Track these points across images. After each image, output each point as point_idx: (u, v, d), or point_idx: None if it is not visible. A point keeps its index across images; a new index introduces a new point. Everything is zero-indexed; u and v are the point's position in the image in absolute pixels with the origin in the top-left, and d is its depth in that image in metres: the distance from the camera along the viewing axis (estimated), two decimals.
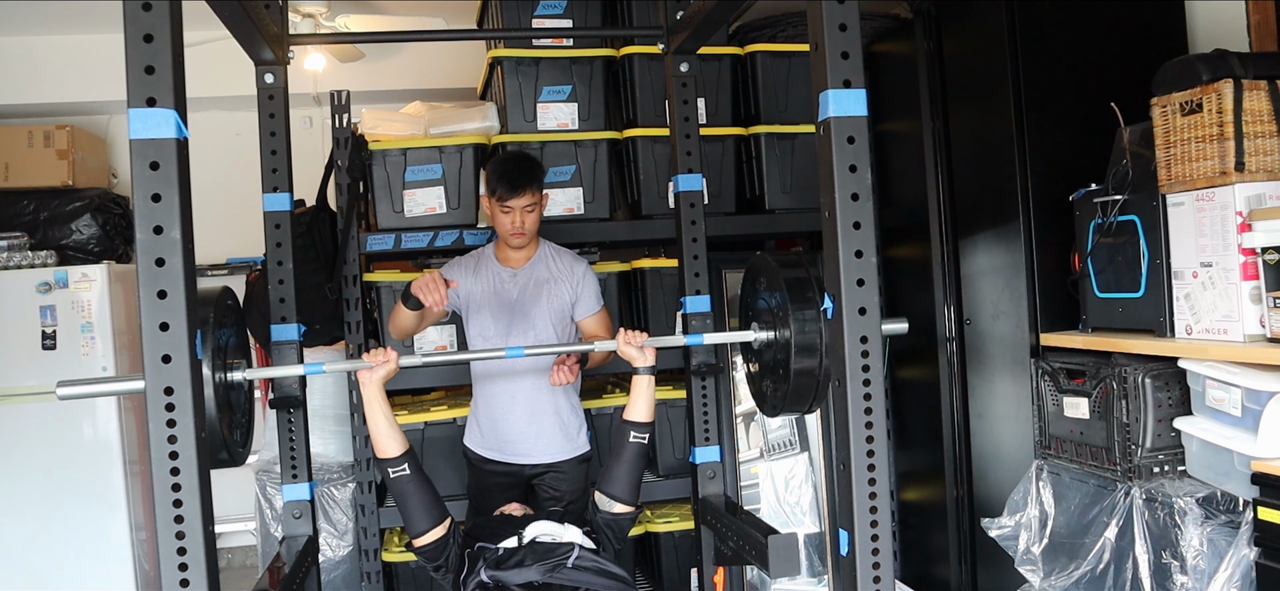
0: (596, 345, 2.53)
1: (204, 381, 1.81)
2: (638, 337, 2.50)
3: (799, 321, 2.10)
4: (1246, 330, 2.31)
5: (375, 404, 2.36)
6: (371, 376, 2.34)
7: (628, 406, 2.56)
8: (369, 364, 2.33)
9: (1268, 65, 2.39)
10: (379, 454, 2.39)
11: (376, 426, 2.37)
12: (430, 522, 2.39)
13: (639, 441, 2.53)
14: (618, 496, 2.52)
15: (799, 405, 2.21)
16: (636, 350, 2.50)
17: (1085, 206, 2.82)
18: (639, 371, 2.53)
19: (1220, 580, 2.24)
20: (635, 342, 2.50)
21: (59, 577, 3.98)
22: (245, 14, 2.16)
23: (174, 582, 1.47)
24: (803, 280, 2.14)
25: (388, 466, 2.38)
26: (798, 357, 2.10)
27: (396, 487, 2.39)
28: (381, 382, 2.36)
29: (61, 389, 1.78)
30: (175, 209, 1.46)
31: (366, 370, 2.34)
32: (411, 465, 2.38)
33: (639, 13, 3.47)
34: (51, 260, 4.06)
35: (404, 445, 2.39)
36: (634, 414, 2.54)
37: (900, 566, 3.78)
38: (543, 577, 2.30)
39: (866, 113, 1.68)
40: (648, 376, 2.53)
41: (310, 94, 4.91)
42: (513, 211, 2.81)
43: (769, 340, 2.29)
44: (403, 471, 2.37)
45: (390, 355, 2.33)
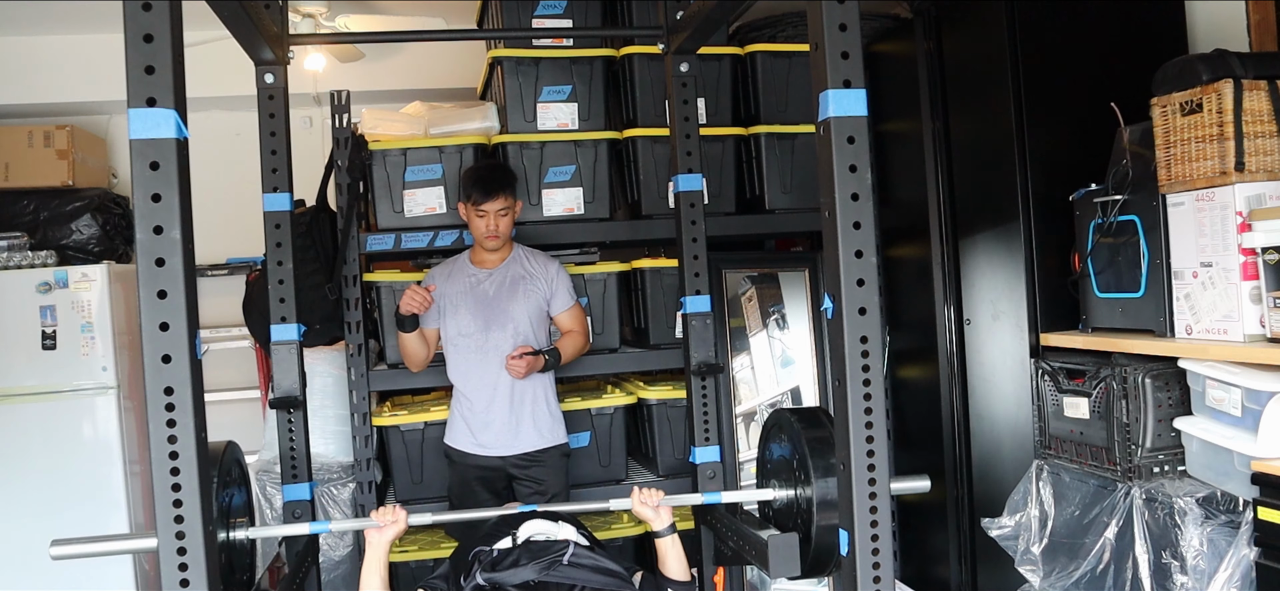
0: (612, 504, 2.42)
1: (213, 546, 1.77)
2: (653, 497, 2.42)
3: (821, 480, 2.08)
4: (1246, 330, 2.31)
5: (377, 566, 2.31)
6: (380, 536, 2.31)
7: (660, 563, 2.45)
8: (377, 523, 2.30)
9: (1268, 65, 2.39)
10: None
11: (369, 586, 2.30)
12: None
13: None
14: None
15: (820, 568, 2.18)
16: (652, 511, 2.42)
17: (1085, 206, 2.82)
18: (659, 534, 2.42)
19: (1220, 580, 2.23)
20: (650, 504, 2.42)
21: (59, 577, 3.96)
22: (245, 14, 2.16)
23: (174, 583, 1.47)
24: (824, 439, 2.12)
25: None
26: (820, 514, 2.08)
27: None
28: (390, 543, 2.32)
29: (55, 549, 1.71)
30: (175, 209, 1.46)
31: (375, 529, 2.31)
32: None
33: (639, 13, 3.47)
34: (51, 260, 4.06)
35: None
36: (670, 572, 2.43)
37: (900, 566, 3.78)
38: (539, 576, 2.29)
39: (866, 113, 1.69)
40: (671, 536, 2.42)
41: (310, 94, 4.91)
42: (487, 215, 2.95)
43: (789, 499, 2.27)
44: None
45: (398, 514, 2.31)
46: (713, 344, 2.84)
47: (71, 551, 1.69)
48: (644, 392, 3.44)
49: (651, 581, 2.44)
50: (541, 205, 3.40)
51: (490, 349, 2.99)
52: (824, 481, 2.09)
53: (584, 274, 3.42)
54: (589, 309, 3.42)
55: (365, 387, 3.19)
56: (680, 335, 3.01)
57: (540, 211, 3.40)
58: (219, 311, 4.76)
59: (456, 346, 3.04)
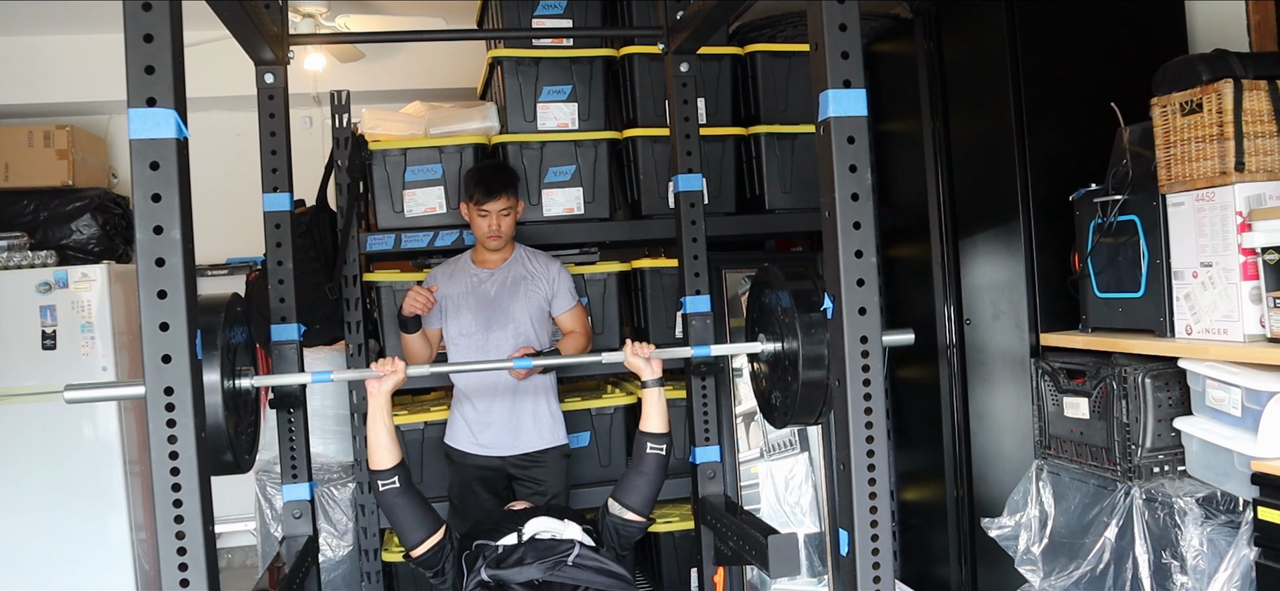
0: (604, 356, 2.52)
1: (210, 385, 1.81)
2: (644, 349, 2.51)
3: (806, 332, 2.09)
4: (1246, 330, 2.31)
5: (379, 414, 2.36)
6: (380, 386, 2.35)
7: (641, 419, 2.56)
8: (377, 374, 2.34)
9: (1268, 65, 2.39)
10: (372, 464, 2.38)
11: (376, 436, 2.36)
12: (424, 532, 2.39)
13: (656, 452, 2.52)
14: (631, 505, 2.50)
15: (807, 416, 2.21)
16: (644, 361, 2.51)
17: (1085, 206, 2.81)
18: (647, 384, 2.53)
19: (1220, 580, 2.23)
20: (642, 354, 2.50)
21: (59, 577, 3.98)
22: (245, 14, 2.16)
23: (174, 582, 1.47)
24: (809, 290, 2.14)
25: (378, 478, 2.37)
26: (805, 368, 2.10)
27: (386, 500, 2.38)
28: (389, 392, 2.37)
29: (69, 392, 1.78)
30: (175, 209, 1.46)
31: (375, 380, 2.35)
32: (402, 478, 2.38)
33: (639, 13, 3.47)
34: (51, 260, 4.06)
35: (398, 457, 2.38)
36: (648, 425, 2.54)
37: (900, 566, 3.78)
38: (544, 575, 2.29)
39: (866, 113, 1.69)
40: (657, 388, 2.53)
41: (310, 94, 4.91)
42: (490, 215, 2.96)
43: (776, 351, 2.28)
44: (393, 484, 2.36)
45: (398, 365, 2.34)
46: (712, 343, 2.84)
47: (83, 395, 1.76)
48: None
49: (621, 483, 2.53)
50: (541, 205, 3.40)
51: (491, 349, 2.99)
52: (809, 333, 2.09)
53: (584, 274, 3.42)
54: (589, 309, 3.42)
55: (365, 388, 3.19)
56: (680, 335, 3.01)
57: (540, 211, 3.40)
58: None
59: (457, 346, 3.04)
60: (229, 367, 1.94)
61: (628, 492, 2.51)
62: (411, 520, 2.39)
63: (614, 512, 2.51)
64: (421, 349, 3.05)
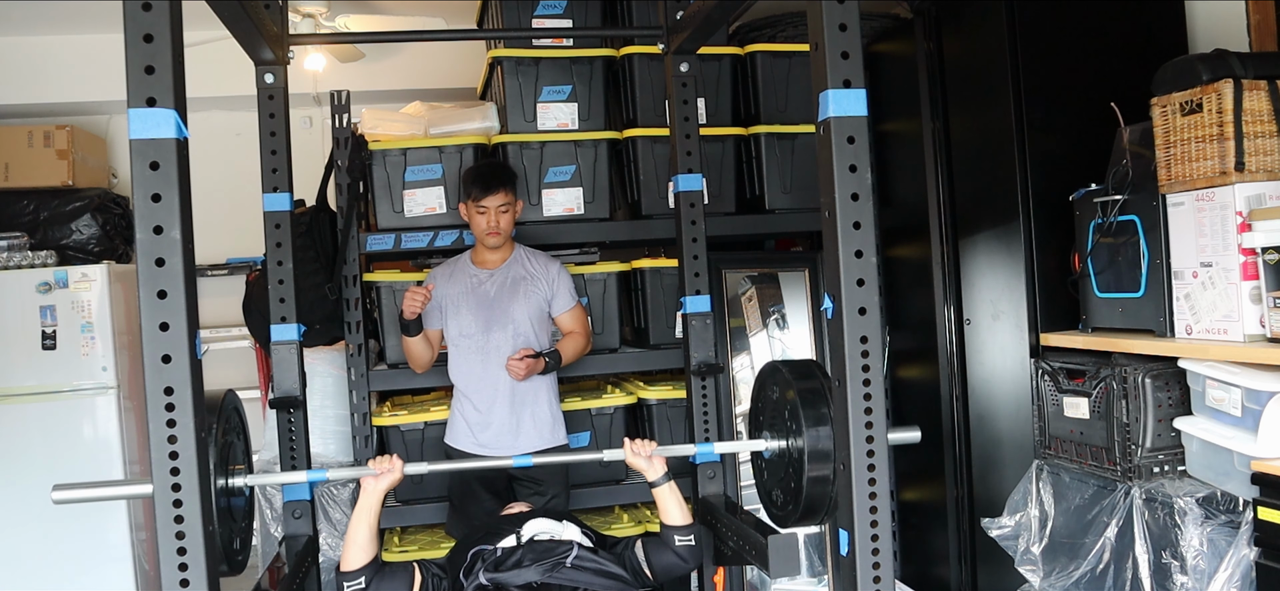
0: (604, 455, 2.44)
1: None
2: (645, 448, 2.42)
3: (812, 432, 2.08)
4: (1246, 330, 2.31)
5: (368, 513, 2.31)
6: (376, 485, 2.32)
7: (660, 514, 2.46)
8: (374, 471, 2.31)
9: (1268, 65, 2.39)
10: (343, 565, 2.30)
11: (356, 534, 2.30)
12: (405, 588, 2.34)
13: (686, 543, 2.41)
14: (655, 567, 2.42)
15: (811, 517, 2.18)
16: (645, 461, 2.42)
17: (1085, 206, 2.81)
18: (654, 483, 2.43)
19: (1220, 580, 2.23)
20: (643, 454, 2.41)
21: (59, 578, 3.98)
22: (245, 14, 2.16)
23: (174, 583, 1.47)
24: (816, 390, 2.12)
25: (344, 580, 2.29)
26: (811, 465, 2.08)
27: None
28: (385, 491, 2.33)
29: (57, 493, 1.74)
30: (175, 209, 1.46)
31: (371, 477, 2.32)
32: (368, 575, 2.30)
33: (639, 13, 3.46)
34: (51, 260, 4.06)
35: (371, 556, 2.31)
36: (670, 519, 2.43)
37: (900, 566, 3.78)
38: (542, 577, 2.29)
39: (866, 113, 1.68)
40: (667, 484, 2.43)
41: (310, 94, 4.91)
42: (488, 212, 2.95)
43: (781, 450, 2.27)
44: (358, 585, 2.29)
45: (395, 463, 2.32)
46: (713, 344, 2.84)
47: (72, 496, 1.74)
48: (644, 392, 3.44)
49: (654, 541, 2.45)
50: (541, 205, 3.40)
51: (491, 349, 2.99)
52: (815, 431, 2.07)
53: (584, 274, 3.41)
54: (589, 309, 3.42)
55: (365, 387, 3.19)
56: (680, 335, 3.00)
57: (540, 211, 3.40)
58: (219, 311, 4.76)
59: (458, 347, 3.04)
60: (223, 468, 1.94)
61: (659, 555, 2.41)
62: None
63: (638, 556, 2.44)
64: (423, 351, 3.04)
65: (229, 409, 2.09)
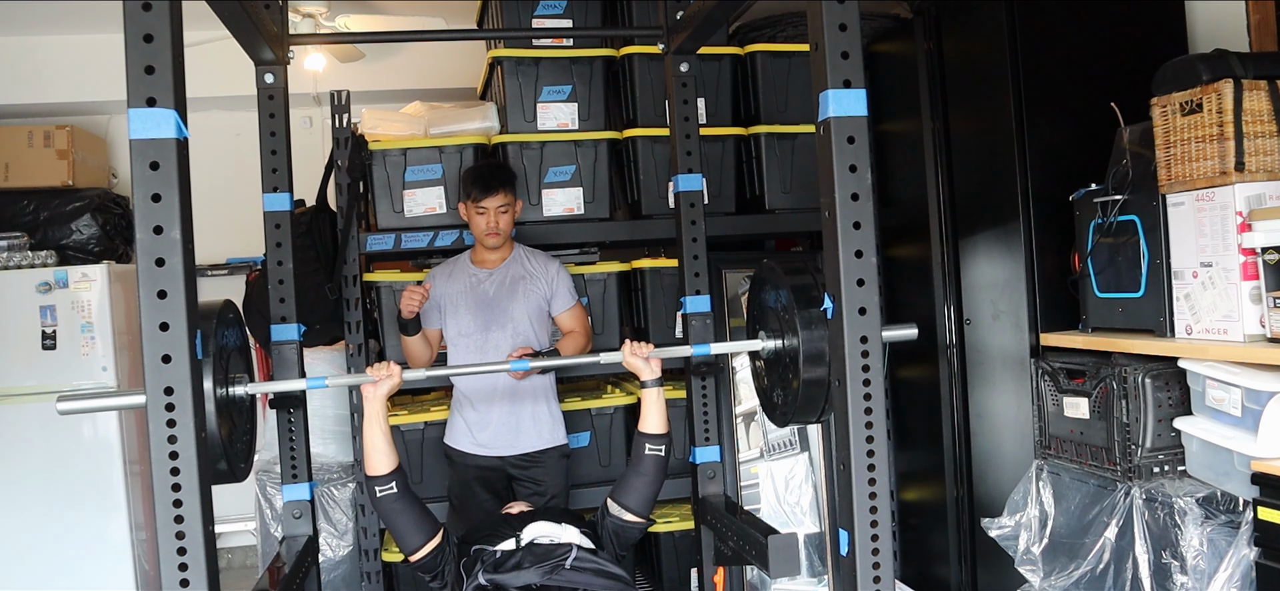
0: (602, 357, 2.51)
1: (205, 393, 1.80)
2: (643, 349, 2.49)
3: (807, 329, 2.09)
4: (1246, 330, 2.31)
5: (375, 419, 2.35)
6: (376, 391, 2.34)
7: (640, 419, 2.55)
8: (373, 378, 2.33)
9: (1268, 65, 2.39)
10: (368, 470, 2.37)
11: (372, 441, 2.35)
12: (423, 537, 2.38)
13: (655, 453, 2.50)
14: (630, 506, 2.50)
15: (808, 414, 2.19)
16: (642, 361, 2.49)
17: (1085, 206, 2.81)
18: (646, 384, 2.51)
19: (1220, 580, 2.23)
20: (641, 354, 2.48)
21: (59, 577, 3.98)
22: (245, 14, 2.16)
23: (174, 582, 1.47)
24: (809, 287, 2.13)
25: (375, 484, 2.35)
26: (806, 366, 2.09)
27: (383, 506, 2.37)
28: (385, 397, 2.35)
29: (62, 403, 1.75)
30: (175, 209, 1.46)
31: (371, 384, 2.34)
32: (399, 484, 2.36)
33: (639, 13, 3.47)
34: (51, 260, 4.06)
35: (394, 463, 2.36)
36: (647, 426, 2.52)
37: (900, 566, 3.78)
38: (541, 579, 2.29)
39: (866, 113, 1.68)
40: (656, 388, 2.51)
41: (310, 94, 4.91)
42: (487, 212, 2.96)
43: (777, 348, 2.28)
44: (390, 490, 2.35)
45: (393, 369, 2.33)
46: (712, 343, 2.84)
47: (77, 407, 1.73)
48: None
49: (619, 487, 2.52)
50: (541, 205, 3.40)
51: (490, 349, 2.99)
52: (809, 330, 2.09)
53: (584, 274, 3.42)
54: (589, 309, 3.42)
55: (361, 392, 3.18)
56: (680, 335, 3.00)
57: (540, 211, 3.40)
58: None
59: (457, 346, 3.04)
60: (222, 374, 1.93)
61: (626, 493, 2.51)
62: (409, 525, 2.38)
63: (613, 514, 2.51)
64: (422, 350, 3.04)
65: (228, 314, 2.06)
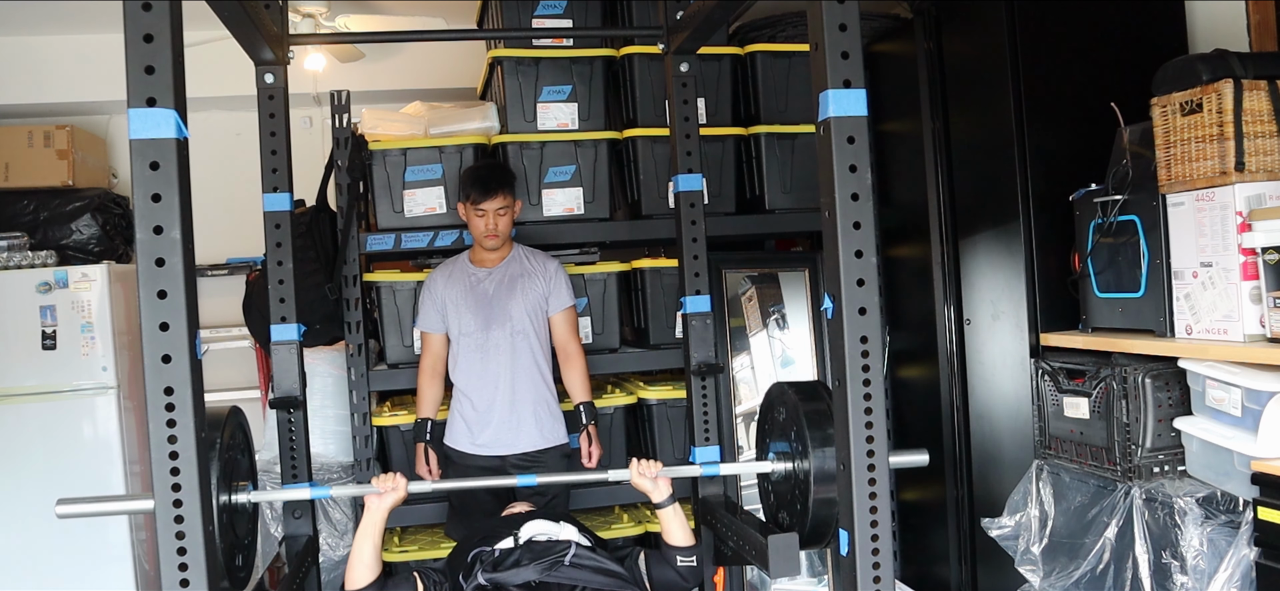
0: (610, 475, 2.44)
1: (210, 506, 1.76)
2: (650, 469, 2.41)
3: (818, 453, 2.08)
4: (1246, 330, 2.31)
5: (372, 531, 2.31)
6: (380, 503, 2.31)
7: (664, 535, 2.46)
8: (378, 489, 2.31)
9: (1268, 65, 2.39)
10: (349, 584, 2.30)
11: (361, 553, 2.30)
12: None
13: (688, 563, 2.43)
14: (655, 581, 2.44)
15: (818, 539, 2.18)
16: (650, 483, 2.41)
17: (1085, 206, 2.81)
18: (660, 505, 2.43)
19: (1220, 580, 2.23)
20: (649, 475, 2.41)
21: (59, 577, 3.98)
22: (245, 14, 2.16)
23: (174, 583, 1.47)
24: (822, 413, 2.12)
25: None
26: (817, 487, 2.08)
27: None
28: (389, 510, 2.32)
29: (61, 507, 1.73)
30: (175, 209, 1.46)
31: (375, 495, 2.31)
32: None
33: (639, 13, 3.46)
34: (51, 260, 4.06)
35: (376, 574, 2.31)
36: (673, 540, 2.43)
37: (900, 566, 3.78)
38: (540, 576, 2.29)
39: (866, 113, 1.68)
40: (671, 507, 2.42)
41: (310, 94, 4.91)
42: (486, 214, 2.97)
43: (787, 472, 2.27)
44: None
45: (398, 482, 2.31)
46: (713, 344, 2.84)
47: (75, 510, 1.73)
48: (644, 392, 3.44)
49: (656, 556, 2.45)
50: (541, 205, 3.40)
51: (490, 347, 3.00)
52: (821, 453, 2.08)
53: (584, 274, 3.41)
54: (589, 309, 3.42)
55: (365, 387, 3.19)
56: (680, 335, 3.01)
57: (540, 211, 3.40)
58: (219, 311, 4.75)
59: (458, 346, 3.05)
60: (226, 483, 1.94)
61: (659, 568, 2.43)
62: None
63: (640, 566, 2.45)
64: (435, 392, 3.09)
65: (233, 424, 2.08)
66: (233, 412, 2.09)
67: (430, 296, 3.08)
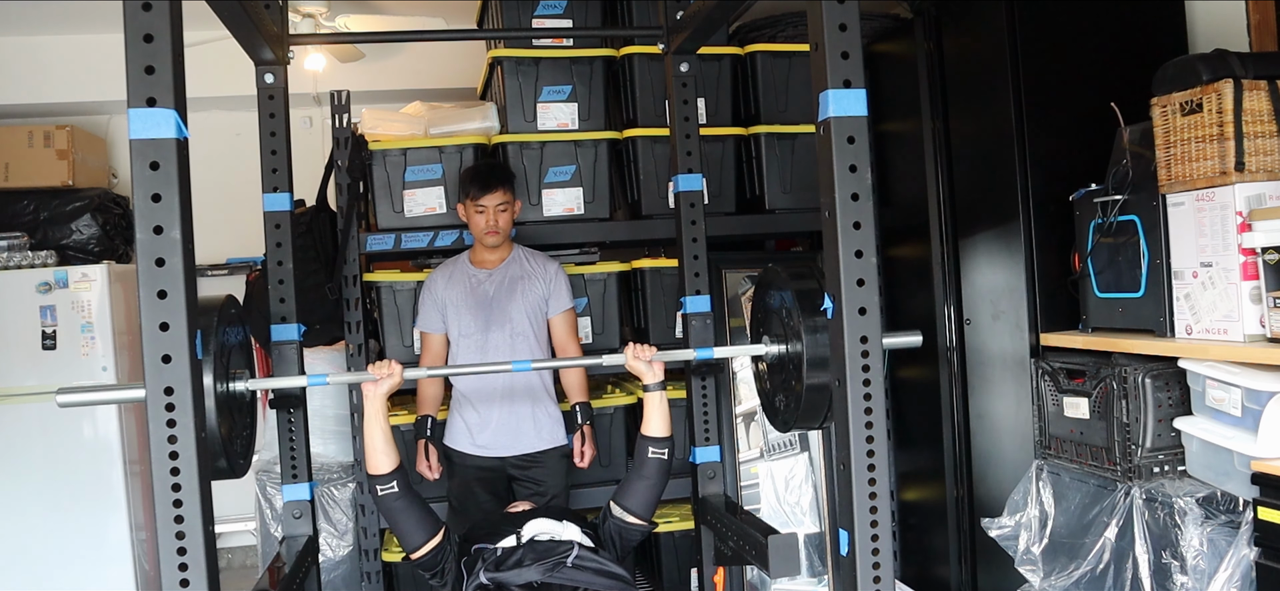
0: (604, 360, 2.50)
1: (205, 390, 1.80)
2: (645, 352, 2.48)
3: (811, 335, 2.09)
4: (1246, 330, 2.31)
5: (376, 418, 2.35)
6: (376, 389, 2.34)
7: (643, 421, 2.55)
8: (373, 376, 2.33)
9: (1268, 65, 2.39)
10: (370, 469, 2.38)
11: (373, 440, 2.35)
12: (425, 535, 2.39)
13: (658, 456, 2.50)
14: (632, 509, 2.50)
15: (811, 420, 2.19)
16: (645, 364, 2.48)
17: (1085, 206, 2.81)
18: (649, 387, 2.51)
19: (1220, 580, 2.23)
20: (644, 357, 2.48)
21: (59, 577, 3.98)
22: (245, 14, 2.16)
23: (174, 583, 1.47)
24: (813, 291, 2.13)
25: (377, 483, 2.36)
26: (810, 371, 2.09)
27: (385, 504, 2.38)
28: (386, 396, 2.35)
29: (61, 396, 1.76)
30: (175, 209, 1.46)
31: (371, 382, 2.34)
32: (400, 483, 2.37)
33: (639, 13, 3.46)
34: (51, 260, 4.06)
35: (395, 461, 2.37)
36: (650, 429, 2.52)
37: (900, 566, 3.78)
38: (542, 577, 2.29)
39: (866, 113, 1.68)
40: (659, 391, 2.51)
41: (310, 94, 4.91)
42: (486, 211, 2.97)
43: (780, 353, 2.28)
44: (391, 489, 2.36)
45: (394, 367, 2.33)
46: (713, 344, 2.84)
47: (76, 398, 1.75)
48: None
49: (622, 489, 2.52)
50: (541, 205, 3.40)
51: (490, 348, 3.00)
52: (813, 336, 2.09)
53: (584, 274, 3.41)
54: (589, 309, 3.42)
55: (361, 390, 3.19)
56: (680, 335, 3.01)
57: (540, 211, 3.40)
58: None
59: (458, 347, 3.05)
60: (223, 370, 1.93)
61: (629, 496, 2.51)
62: (411, 523, 2.38)
63: (616, 515, 2.51)
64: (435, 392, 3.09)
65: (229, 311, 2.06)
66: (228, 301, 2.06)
67: (430, 297, 3.09)
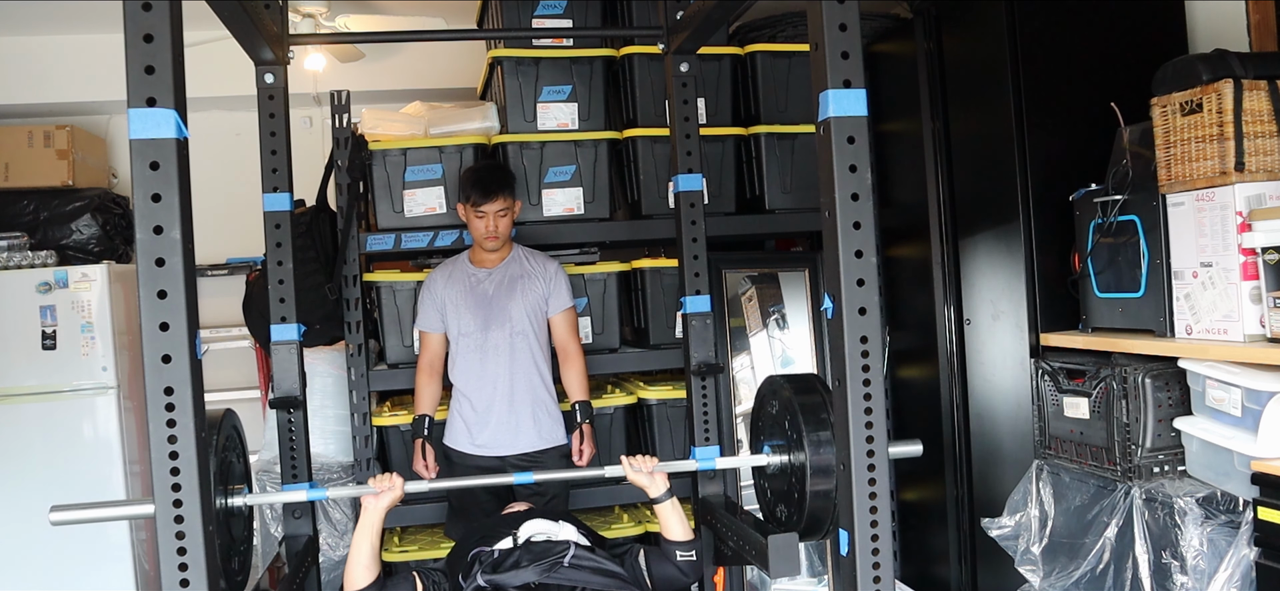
0: (607, 470, 2.44)
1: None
2: (646, 464, 2.41)
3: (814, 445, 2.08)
4: (1246, 330, 2.31)
5: (369, 531, 2.31)
6: (377, 503, 2.31)
7: (662, 530, 2.46)
8: (375, 489, 2.31)
9: (1268, 65, 2.39)
10: (347, 584, 2.30)
11: (359, 553, 2.30)
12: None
13: (687, 558, 2.43)
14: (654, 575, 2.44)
15: (814, 531, 2.18)
16: (647, 477, 2.41)
17: (1085, 206, 2.82)
18: (658, 500, 2.43)
19: (1220, 580, 2.24)
20: (644, 470, 2.41)
21: (59, 577, 3.98)
22: (245, 14, 2.16)
23: (174, 583, 1.47)
24: (817, 405, 2.12)
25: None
26: (813, 480, 2.09)
27: None
28: (386, 509, 2.32)
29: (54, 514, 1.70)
30: (175, 209, 1.46)
31: (372, 495, 2.31)
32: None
33: (639, 13, 3.46)
34: (51, 260, 4.06)
35: (375, 574, 2.31)
36: (672, 535, 2.44)
37: (900, 566, 3.78)
38: (540, 577, 2.29)
39: (866, 113, 1.68)
40: (669, 501, 2.43)
41: (310, 94, 4.91)
42: (486, 216, 2.97)
43: (783, 465, 2.27)
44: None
45: (396, 481, 2.31)
46: (713, 344, 2.84)
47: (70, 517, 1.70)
48: (644, 392, 3.44)
49: (656, 552, 2.45)
50: (541, 205, 3.40)
51: (490, 348, 3.00)
52: (816, 447, 2.09)
53: (584, 274, 3.41)
54: (589, 309, 3.42)
55: (365, 387, 3.19)
56: (680, 335, 3.01)
57: (540, 211, 3.40)
58: (219, 311, 4.76)
59: (457, 346, 3.05)
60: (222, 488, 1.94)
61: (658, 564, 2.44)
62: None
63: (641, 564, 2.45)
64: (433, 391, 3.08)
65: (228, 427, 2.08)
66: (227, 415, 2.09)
67: (430, 296, 3.09)
